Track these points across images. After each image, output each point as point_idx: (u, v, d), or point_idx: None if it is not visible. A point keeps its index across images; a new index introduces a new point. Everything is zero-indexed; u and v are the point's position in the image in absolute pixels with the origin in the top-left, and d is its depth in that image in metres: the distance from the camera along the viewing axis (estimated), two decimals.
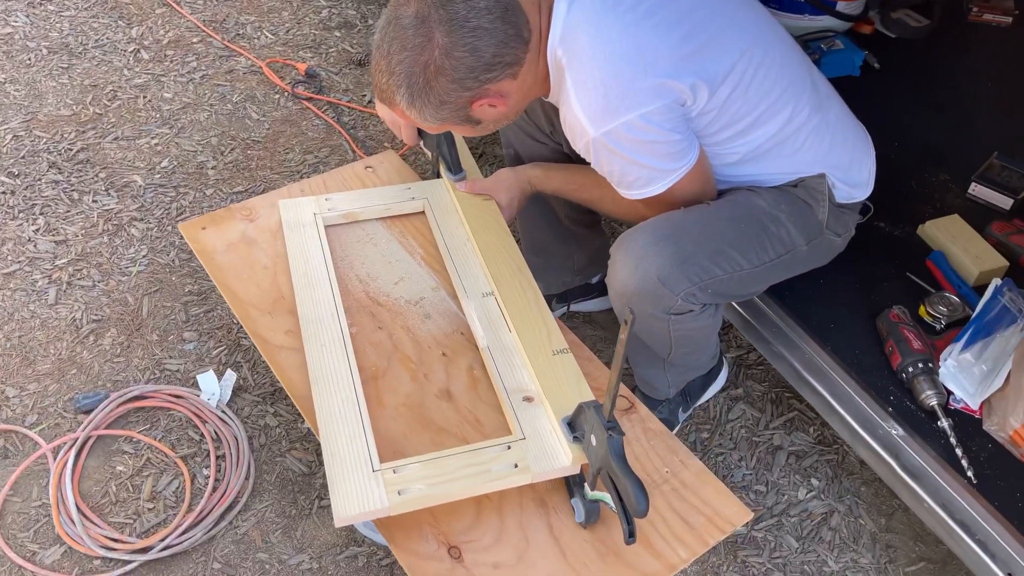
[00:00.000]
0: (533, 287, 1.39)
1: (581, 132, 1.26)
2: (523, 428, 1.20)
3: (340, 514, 1.08)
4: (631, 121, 1.22)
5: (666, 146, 1.27)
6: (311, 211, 1.53)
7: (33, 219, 2.13)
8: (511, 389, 1.26)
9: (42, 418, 1.72)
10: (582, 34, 1.22)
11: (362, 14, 2.89)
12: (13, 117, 2.42)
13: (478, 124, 1.32)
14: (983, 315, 1.51)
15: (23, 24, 2.78)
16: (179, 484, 1.63)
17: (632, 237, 1.33)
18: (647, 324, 1.39)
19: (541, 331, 1.32)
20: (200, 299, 1.96)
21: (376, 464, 1.14)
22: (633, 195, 1.34)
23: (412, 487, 1.11)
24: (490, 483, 1.14)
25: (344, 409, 1.20)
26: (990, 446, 1.40)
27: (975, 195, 1.82)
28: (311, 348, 1.28)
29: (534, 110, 1.60)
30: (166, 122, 2.44)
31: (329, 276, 1.40)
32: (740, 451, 1.71)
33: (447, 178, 1.57)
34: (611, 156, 1.28)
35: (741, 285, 1.40)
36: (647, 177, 1.30)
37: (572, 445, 1.15)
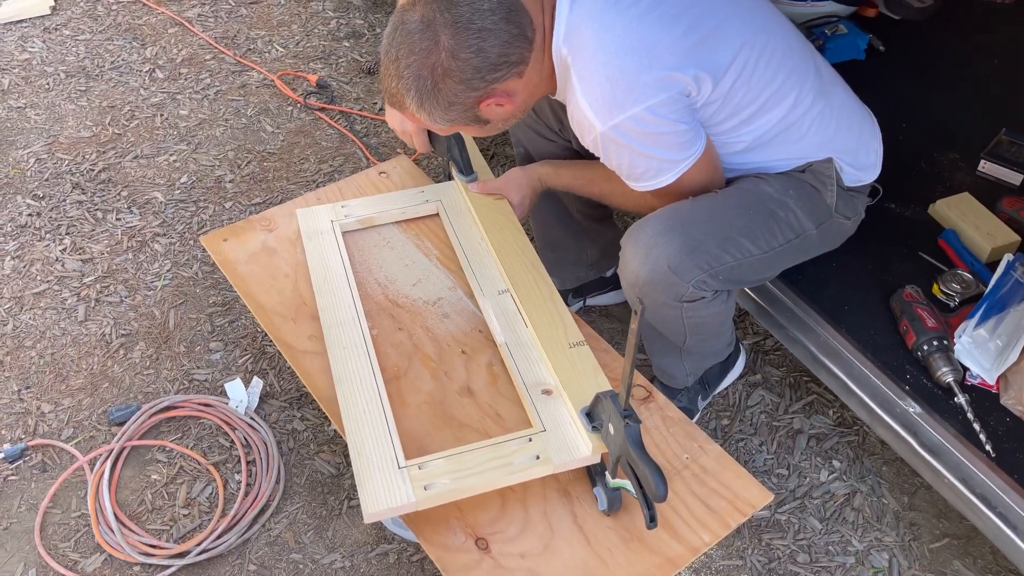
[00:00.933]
0: (547, 282, 1.42)
1: (589, 127, 1.29)
2: (543, 420, 1.23)
3: (369, 511, 1.12)
4: (637, 114, 1.25)
5: (673, 137, 1.29)
6: (328, 218, 1.57)
7: (59, 239, 2.19)
8: (530, 383, 1.29)
9: (77, 432, 1.78)
10: (586, 31, 1.25)
11: (370, 23, 2.94)
12: (36, 141, 2.48)
13: (487, 124, 1.34)
14: (996, 290, 1.53)
15: (40, 49, 2.84)
16: (212, 490, 1.67)
17: (641, 228, 1.36)
18: (660, 313, 1.41)
19: (557, 325, 1.34)
20: (224, 309, 2.01)
21: (402, 461, 1.17)
22: (643, 187, 1.37)
23: (437, 482, 1.15)
24: (513, 475, 1.17)
25: (368, 409, 1.24)
26: (1008, 420, 1.41)
27: (985, 172, 1.83)
28: (334, 351, 1.32)
29: (542, 109, 1.63)
30: (183, 139, 2.49)
31: (348, 281, 1.44)
32: (760, 436, 1.73)
33: (459, 180, 1.60)
34: (619, 149, 1.31)
35: (752, 271, 1.42)
36: (656, 168, 1.33)
37: (591, 435, 1.18)
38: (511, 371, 1.32)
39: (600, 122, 1.27)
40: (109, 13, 3.01)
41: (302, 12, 2.99)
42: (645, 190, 1.37)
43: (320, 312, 1.39)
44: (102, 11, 3.02)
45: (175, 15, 2.97)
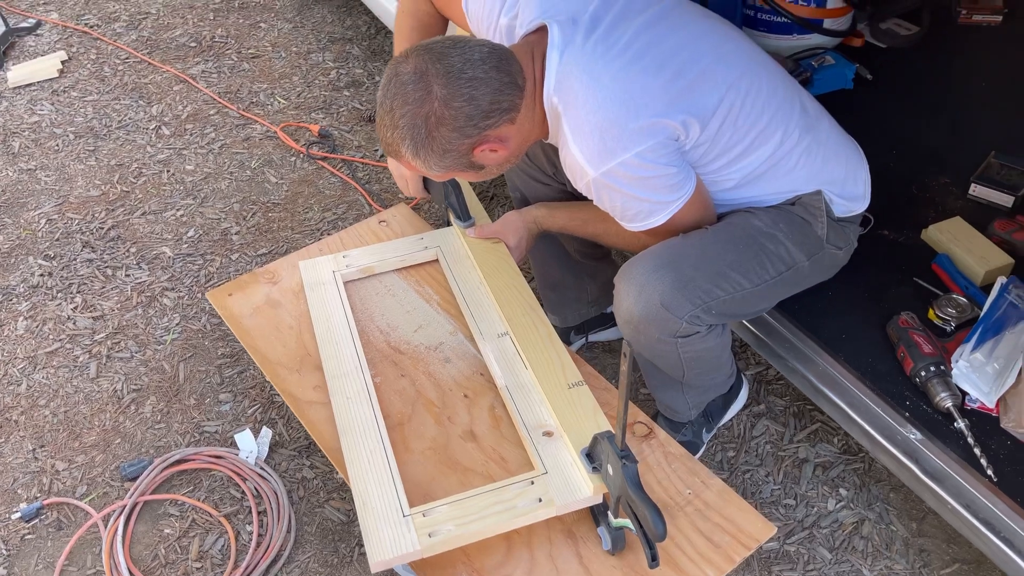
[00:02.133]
0: (546, 323, 1.44)
1: (581, 173, 1.33)
2: (544, 463, 1.25)
3: (375, 559, 1.14)
4: (627, 160, 1.28)
5: (663, 179, 1.33)
6: (330, 269, 1.60)
7: (71, 298, 2.23)
8: (531, 425, 1.31)
9: (91, 488, 1.80)
10: (575, 81, 1.29)
11: (369, 72, 3.00)
12: (46, 202, 2.54)
13: (481, 169, 1.38)
14: (991, 313, 1.54)
15: (49, 112, 2.92)
16: (224, 542, 1.69)
17: (633, 266, 1.39)
18: (656, 349, 1.43)
19: (556, 366, 1.37)
20: (232, 361, 2.04)
21: (406, 509, 1.19)
22: (636, 227, 1.40)
23: (442, 528, 1.16)
24: (517, 519, 1.18)
25: (372, 458, 1.26)
26: (1009, 443, 1.42)
27: (976, 196, 1.85)
28: (337, 401, 1.35)
29: (536, 154, 1.67)
30: (190, 193, 2.55)
31: (351, 330, 1.47)
32: (767, 467, 1.74)
33: (457, 225, 1.64)
34: (612, 193, 1.34)
35: (745, 304, 1.44)
36: (648, 210, 1.36)
37: (592, 476, 1.19)
38: (512, 414, 1.34)
39: (592, 168, 1.30)
40: (115, 73, 3.09)
41: (302, 64, 3.06)
42: (638, 230, 1.40)
43: (323, 363, 1.42)
44: (108, 71, 3.10)
45: (180, 72, 3.05)
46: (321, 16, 3.32)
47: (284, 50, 3.15)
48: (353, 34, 3.20)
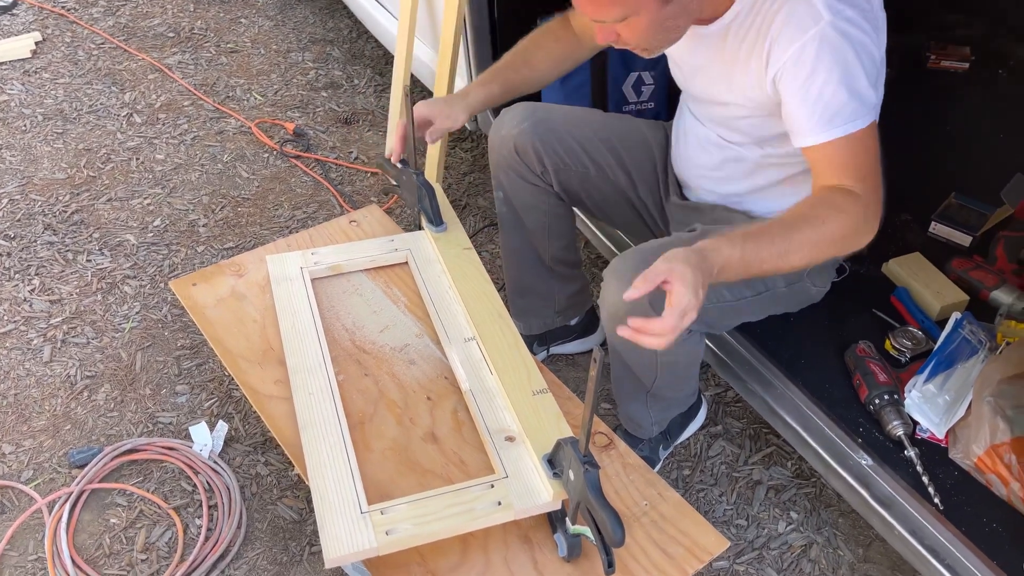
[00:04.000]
0: (513, 331, 1.45)
1: (812, 19, 1.21)
2: (506, 467, 1.25)
3: (330, 555, 1.12)
4: (864, 16, 1.21)
5: (876, 63, 1.24)
6: (297, 265, 1.59)
7: (28, 280, 2.19)
8: (493, 429, 1.31)
9: (37, 473, 1.76)
10: None
11: (348, 75, 3.00)
12: (9, 182, 2.49)
13: (668, 2, 1.22)
14: (945, 347, 1.58)
15: (19, 92, 2.87)
16: (172, 535, 1.66)
17: (622, 260, 1.38)
18: (635, 348, 1.44)
19: (521, 373, 1.37)
20: (192, 353, 2.01)
21: (364, 506, 1.18)
22: (832, 134, 1.23)
23: (399, 527, 1.16)
24: (475, 521, 1.18)
25: (332, 454, 1.25)
26: (956, 473, 1.46)
27: (936, 233, 1.90)
28: (299, 396, 1.34)
29: (526, 151, 1.62)
30: (158, 182, 2.52)
31: (316, 327, 1.46)
32: (721, 486, 1.76)
33: (428, 230, 1.64)
34: (835, 54, 1.20)
35: (722, 315, 1.46)
36: (857, 105, 1.22)
37: (552, 481, 1.20)
38: (475, 417, 1.34)
39: (830, 11, 1.19)
40: (90, 57, 3.05)
41: (281, 62, 3.05)
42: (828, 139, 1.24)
43: (287, 358, 1.41)
44: (83, 55, 3.06)
45: (155, 61, 3.02)
46: (303, 16, 3.32)
47: (264, 47, 3.14)
48: (334, 36, 3.19)
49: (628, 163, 1.67)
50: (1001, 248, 1.80)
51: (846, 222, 1.22)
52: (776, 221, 1.24)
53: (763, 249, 1.20)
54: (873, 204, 1.25)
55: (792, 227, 1.22)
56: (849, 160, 1.25)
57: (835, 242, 1.23)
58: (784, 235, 1.21)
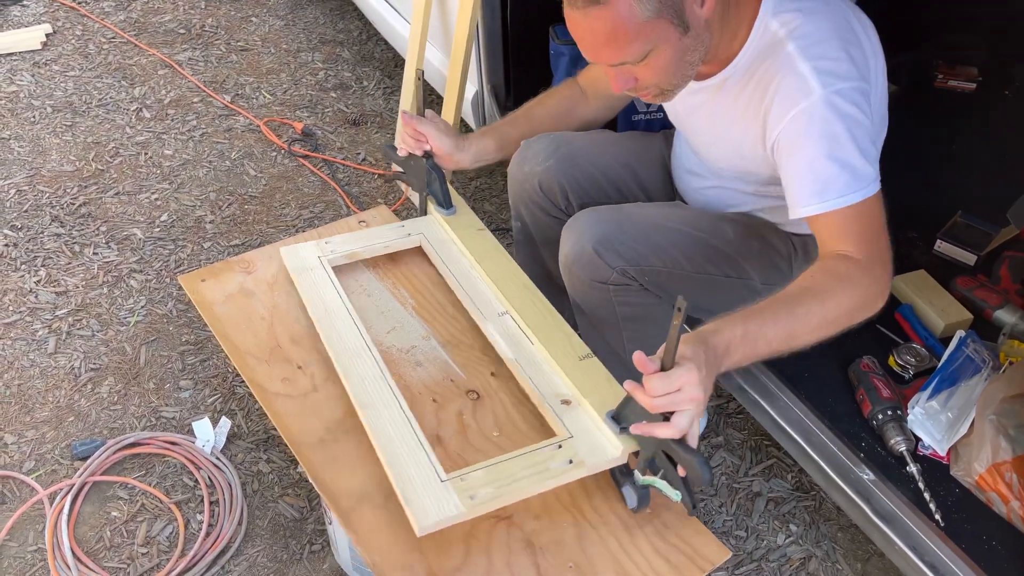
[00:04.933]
0: (544, 302, 1.48)
1: (802, 95, 1.22)
2: (568, 428, 1.28)
3: (422, 524, 1.14)
4: (856, 88, 1.22)
5: (871, 138, 1.24)
6: (315, 254, 1.60)
7: (35, 271, 2.19)
8: (547, 394, 1.34)
9: (39, 465, 1.76)
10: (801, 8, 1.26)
11: (357, 76, 3.01)
12: (17, 172, 2.50)
13: (687, 32, 1.21)
14: (948, 365, 1.59)
15: (28, 83, 2.88)
16: (173, 529, 1.66)
17: (579, 218, 1.44)
18: (591, 297, 1.47)
19: (563, 340, 1.41)
20: (196, 348, 2.01)
21: (443, 475, 1.20)
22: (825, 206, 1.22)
23: (481, 491, 1.18)
24: (552, 479, 1.21)
25: (399, 430, 1.27)
26: (957, 491, 1.46)
27: (941, 251, 1.91)
28: (353, 381, 1.34)
29: (551, 188, 1.62)
30: (166, 178, 2.52)
31: (349, 311, 1.47)
32: (720, 497, 1.77)
33: (438, 213, 1.66)
34: (825, 125, 1.21)
35: (682, 285, 1.46)
36: (850, 176, 1.21)
37: (620, 436, 1.23)
38: (525, 384, 1.37)
39: (822, 85, 1.20)
40: (100, 51, 3.06)
41: (291, 62, 3.06)
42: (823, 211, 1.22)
43: (327, 345, 1.41)
44: (93, 49, 3.07)
45: (166, 57, 3.03)
46: (314, 16, 3.33)
47: (274, 46, 3.15)
48: (344, 37, 3.21)
49: (644, 180, 1.69)
50: (1005, 268, 1.81)
51: (853, 293, 1.19)
52: (780, 297, 1.19)
53: (767, 327, 1.15)
54: (879, 269, 1.22)
55: (797, 302, 1.17)
56: (847, 229, 1.23)
57: (844, 315, 1.20)
58: (789, 311, 1.17)
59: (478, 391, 1.41)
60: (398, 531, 1.20)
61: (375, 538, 1.19)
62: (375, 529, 1.20)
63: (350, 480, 1.26)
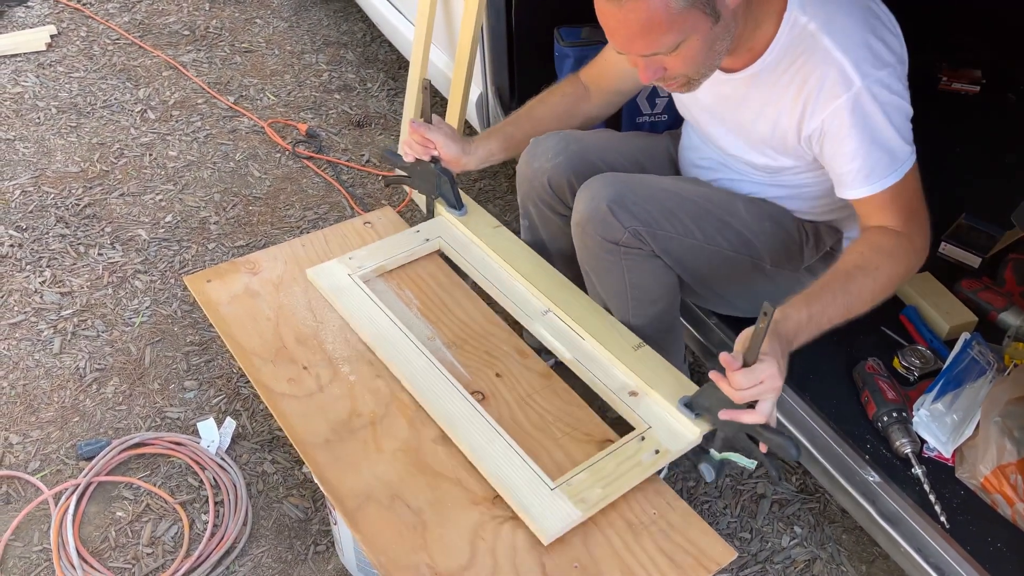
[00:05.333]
0: (585, 297, 1.52)
1: (844, 85, 1.25)
2: (645, 419, 1.33)
3: (550, 533, 1.18)
4: (891, 75, 1.26)
5: (906, 114, 1.31)
6: (343, 272, 1.58)
7: (40, 271, 2.20)
8: (615, 388, 1.38)
9: (44, 465, 1.76)
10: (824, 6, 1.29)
11: (361, 78, 3.01)
12: (22, 173, 2.51)
13: (718, 20, 1.22)
14: (953, 367, 1.59)
15: (33, 84, 2.88)
16: (178, 530, 1.66)
17: (595, 179, 1.46)
18: (601, 259, 1.48)
19: (613, 333, 1.45)
20: (201, 349, 2.02)
21: (551, 483, 1.23)
22: (872, 188, 1.31)
23: (589, 493, 1.22)
24: (646, 471, 1.26)
25: (493, 446, 1.29)
26: (962, 493, 1.46)
27: (945, 254, 1.91)
28: (434, 404, 1.35)
29: (560, 185, 1.61)
30: (171, 179, 2.53)
31: (402, 329, 1.47)
32: (725, 499, 1.77)
33: (449, 214, 1.66)
34: (866, 117, 1.27)
35: (692, 255, 1.48)
36: (889, 158, 1.29)
37: (695, 421, 1.30)
38: (591, 382, 1.41)
39: (860, 76, 1.25)
40: (105, 53, 3.07)
41: (295, 63, 3.07)
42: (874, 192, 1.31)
43: (392, 368, 1.42)
44: (98, 50, 3.08)
45: (170, 59, 3.03)
46: (317, 18, 3.34)
47: (278, 48, 3.15)
48: (348, 39, 3.21)
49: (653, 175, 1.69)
50: (1010, 271, 1.81)
51: (898, 265, 1.30)
52: (834, 275, 1.28)
53: (828, 307, 1.25)
54: (919, 238, 1.33)
55: (850, 279, 1.27)
56: (890, 205, 1.33)
57: (892, 285, 1.30)
58: (844, 289, 1.26)
59: (483, 392, 1.41)
60: (403, 531, 1.20)
61: (380, 538, 1.20)
62: (380, 529, 1.21)
63: (355, 480, 1.26)
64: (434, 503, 1.24)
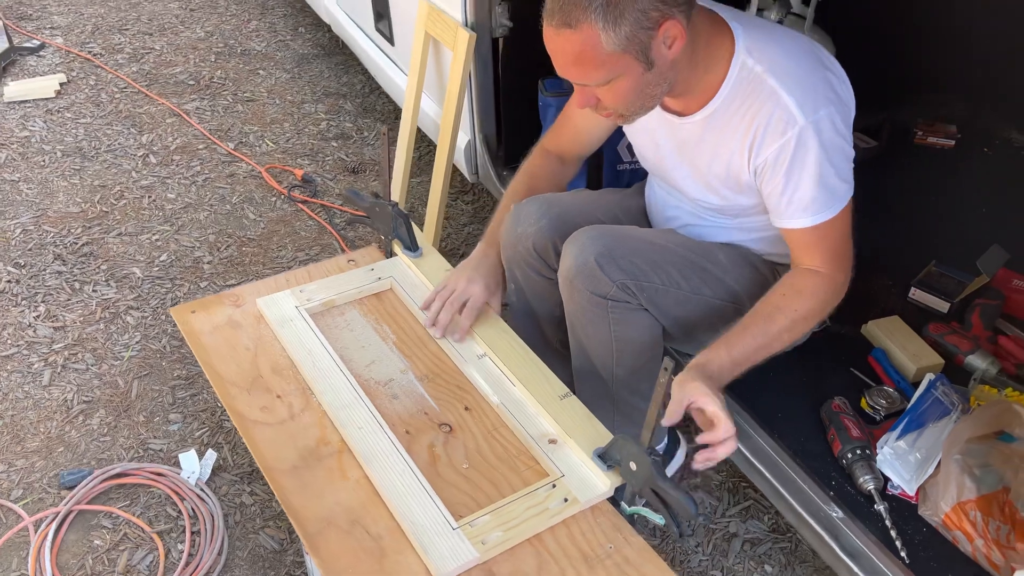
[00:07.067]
0: (521, 344, 1.55)
1: (788, 124, 1.33)
2: (559, 467, 1.34)
3: (441, 571, 1.19)
4: (833, 113, 1.34)
5: (846, 155, 1.38)
6: (292, 304, 1.64)
7: (35, 306, 2.25)
8: (535, 436, 1.40)
9: (27, 493, 1.80)
10: (769, 49, 1.36)
11: (358, 127, 3.11)
12: (24, 213, 2.58)
13: (650, 68, 1.28)
14: (917, 406, 1.62)
15: (40, 129, 2.98)
16: (153, 558, 1.68)
17: (582, 231, 1.50)
18: (588, 312, 1.51)
19: (542, 381, 1.47)
20: (187, 383, 2.06)
21: (453, 523, 1.25)
22: (808, 221, 1.39)
23: (491, 536, 1.24)
24: (552, 518, 1.27)
25: (404, 481, 1.31)
26: (924, 530, 1.48)
27: (915, 299, 1.95)
28: (351, 432, 1.39)
29: (545, 248, 1.63)
30: (168, 220, 2.60)
31: (336, 363, 1.51)
32: (697, 537, 1.78)
33: (405, 256, 1.73)
34: (808, 153, 1.34)
35: (679, 304, 1.52)
36: (827, 196, 1.37)
37: (607, 473, 1.31)
38: (514, 427, 1.43)
39: (804, 115, 1.32)
40: (112, 100, 3.18)
41: (295, 112, 3.17)
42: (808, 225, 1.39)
43: (319, 396, 1.46)
44: (105, 98, 3.19)
45: (174, 106, 3.14)
46: (319, 71, 3.45)
47: (279, 97, 3.26)
48: (347, 90, 3.32)
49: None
50: (977, 315, 1.84)
51: (814, 305, 1.41)
52: (753, 318, 1.40)
53: (748, 349, 1.38)
54: (841, 276, 1.43)
55: (770, 321, 1.39)
56: (819, 243, 1.42)
57: (811, 323, 1.42)
58: (764, 331, 1.39)
59: (451, 424, 1.45)
60: (360, 555, 1.23)
61: (338, 562, 1.22)
62: (338, 553, 1.23)
63: (318, 506, 1.29)
64: (393, 530, 1.26)
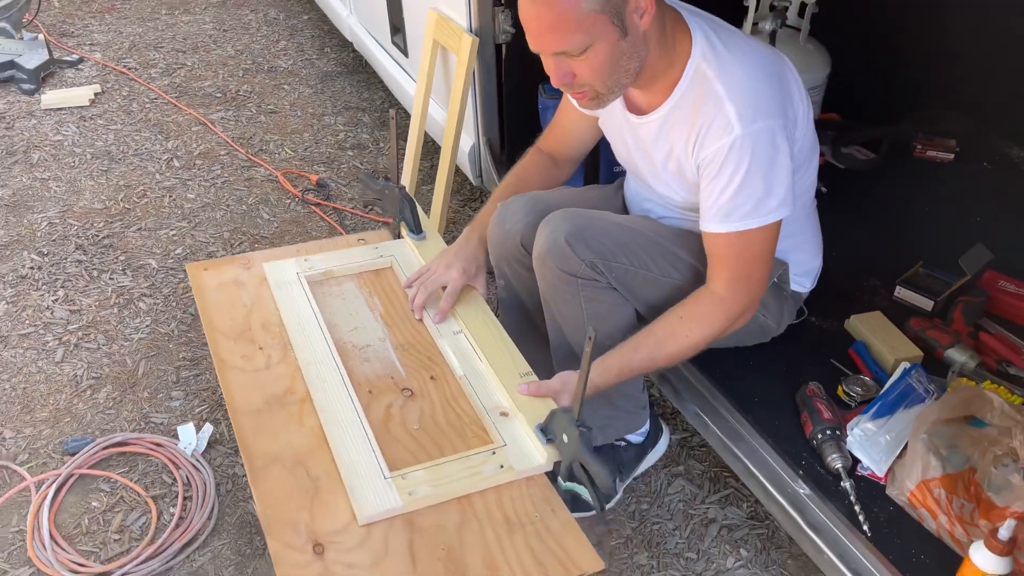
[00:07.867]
0: (496, 323, 1.62)
1: (725, 131, 1.36)
2: (503, 437, 1.40)
3: (363, 514, 1.25)
4: (773, 126, 1.36)
5: (783, 171, 1.39)
6: (294, 270, 1.74)
7: (54, 291, 2.37)
8: (489, 407, 1.46)
9: (32, 457, 1.88)
10: (724, 53, 1.40)
11: (375, 138, 3.22)
12: (51, 207, 2.72)
13: (625, 36, 1.33)
14: (890, 391, 1.64)
15: (73, 133, 3.14)
16: (146, 520, 1.75)
17: (554, 214, 1.54)
18: (559, 290, 1.54)
19: (507, 359, 1.53)
20: (192, 364, 2.14)
21: (386, 472, 1.31)
22: (727, 227, 1.42)
23: (419, 489, 1.29)
24: (483, 482, 1.32)
25: (352, 432, 1.39)
26: (891, 509, 1.50)
27: (900, 298, 1.98)
28: (314, 384, 1.48)
29: (531, 242, 1.66)
30: (186, 217, 2.72)
31: (320, 325, 1.60)
32: (675, 521, 1.80)
33: (409, 238, 1.79)
34: (742, 160, 1.37)
35: (647, 286, 1.56)
36: (755, 203, 1.39)
37: (546, 447, 1.35)
38: (471, 397, 1.49)
39: (742, 125, 1.35)
40: (142, 109, 3.33)
41: (315, 123, 3.30)
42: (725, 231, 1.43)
43: (297, 352, 1.55)
44: (136, 107, 3.35)
45: (201, 116, 3.28)
46: (341, 87, 3.59)
47: (301, 110, 3.39)
48: (367, 105, 3.44)
49: None
50: (959, 312, 1.86)
51: (709, 333, 1.48)
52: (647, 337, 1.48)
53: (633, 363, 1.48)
54: (739, 307, 1.48)
55: (661, 346, 1.48)
56: (733, 257, 1.46)
57: (699, 347, 1.50)
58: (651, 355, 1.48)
59: (412, 390, 1.52)
60: (293, 492, 1.30)
61: (272, 494, 1.29)
62: (275, 488, 1.30)
63: (269, 444, 1.37)
64: (331, 474, 1.33)
